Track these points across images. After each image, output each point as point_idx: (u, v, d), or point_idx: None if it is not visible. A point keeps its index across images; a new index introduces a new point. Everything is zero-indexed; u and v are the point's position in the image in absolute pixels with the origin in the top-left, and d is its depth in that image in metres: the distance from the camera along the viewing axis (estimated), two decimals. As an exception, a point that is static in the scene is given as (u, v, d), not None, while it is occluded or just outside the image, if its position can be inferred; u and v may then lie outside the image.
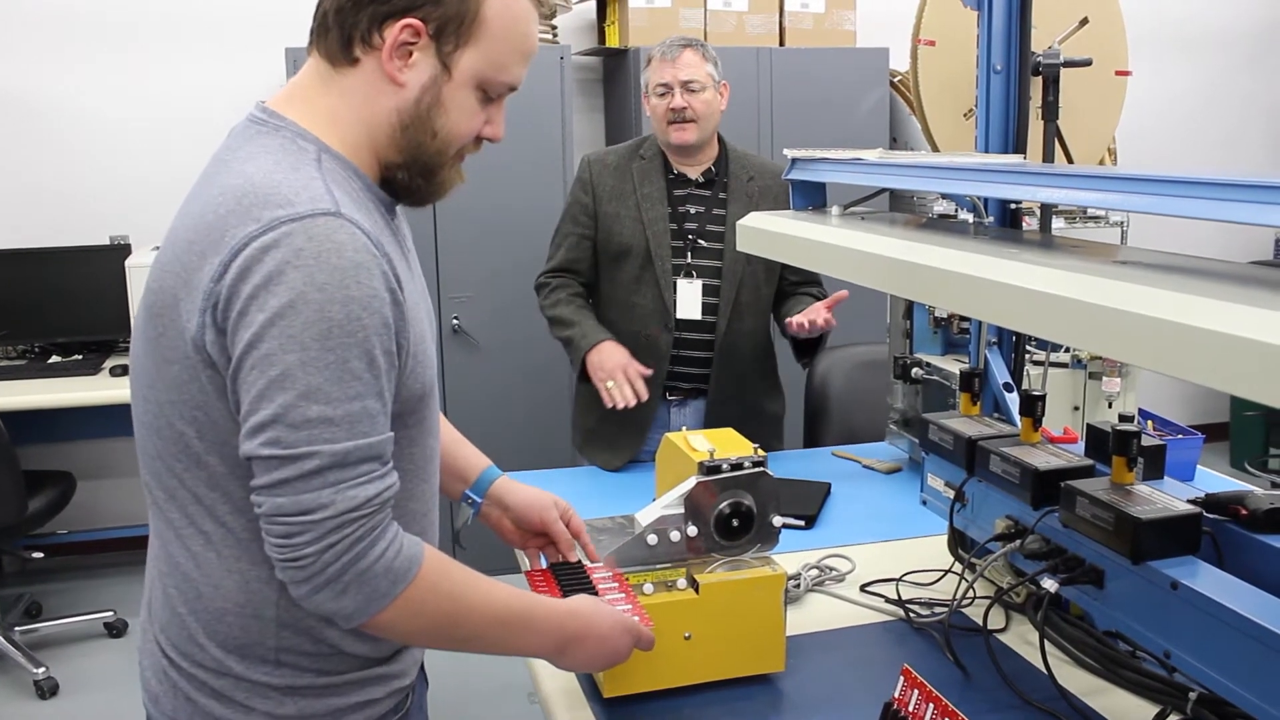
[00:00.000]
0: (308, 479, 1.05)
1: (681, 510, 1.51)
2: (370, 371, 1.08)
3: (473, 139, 1.23)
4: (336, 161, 1.16)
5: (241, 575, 1.15)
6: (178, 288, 1.09)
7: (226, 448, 1.11)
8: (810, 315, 2.41)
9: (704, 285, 2.58)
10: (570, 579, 1.47)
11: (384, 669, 1.25)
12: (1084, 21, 2.54)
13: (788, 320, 2.48)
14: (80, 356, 4.05)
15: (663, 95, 2.53)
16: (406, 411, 1.19)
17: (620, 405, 2.40)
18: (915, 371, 2.35)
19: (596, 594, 1.42)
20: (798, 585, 1.80)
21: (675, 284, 2.57)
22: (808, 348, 2.59)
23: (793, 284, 2.70)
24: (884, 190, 1.87)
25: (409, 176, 1.21)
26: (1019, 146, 1.92)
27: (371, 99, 1.16)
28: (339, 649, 1.20)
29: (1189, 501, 1.31)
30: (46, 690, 3.36)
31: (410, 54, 1.14)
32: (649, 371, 2.45)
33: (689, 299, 2.58)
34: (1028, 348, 2.09)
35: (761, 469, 1.54)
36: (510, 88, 1.22)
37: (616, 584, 1.46)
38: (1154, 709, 1.37)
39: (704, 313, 2.59)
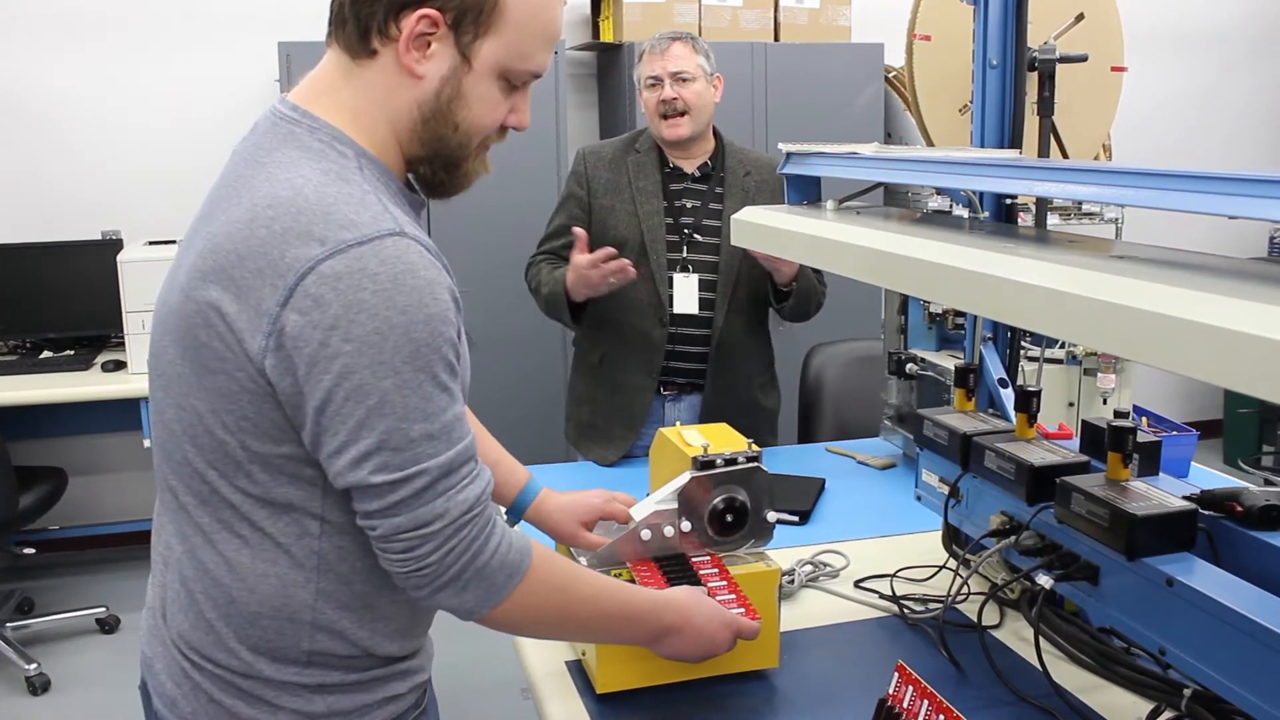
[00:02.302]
0: (420, 495, 1.08)
1: (675, 505, 1.51)
2: (453, 380, 1.11)
3: (497, 129, 1.20)
4: (374, 166, 1.14)
5: (279, 579, 1.14)
6: (225, 300, 1.06)
7: (271, 457, 1.10)
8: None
9: (700, 280, 2.58)
10: (674, 569, 1.49)
11: (407, 664, 1.25)
12: (1080, 17, 2.54)
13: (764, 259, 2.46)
14: (72, 352, 4.04)
15: (653, 87, 2.52)
16: None
17: (629, 277, 2.40)
18: (910, 367, 2.35)
19: (700, 583, 1.44)
20: (792, 581, 1.79)
21: (671, 278, 2.57)
22: (781, 293, 2.58)
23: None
24: (879, 185, 1.86)
25: (432, 170, 1.19)
26: (1014, 142, 1.91)
27: (391, 92, 1.14)
28: (369, 651, 1.19)
29: (1184, 498, 1.31)
30: (38, 686, 3.35)
31: (428, 45, 1.12)
32: (624, 262, 2.41)
33: (685, 294, 2.57)
34: (1023, 343, 2.09)
35: (756, 464, 1.54)
36: (534, 75, 1.19)
37: (717, 569, 1.48)
38: (1149, 706, 1.37)
39: (700, 307, 2.58)
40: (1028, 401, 1.57)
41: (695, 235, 2.59)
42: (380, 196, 1.10)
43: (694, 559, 1.52)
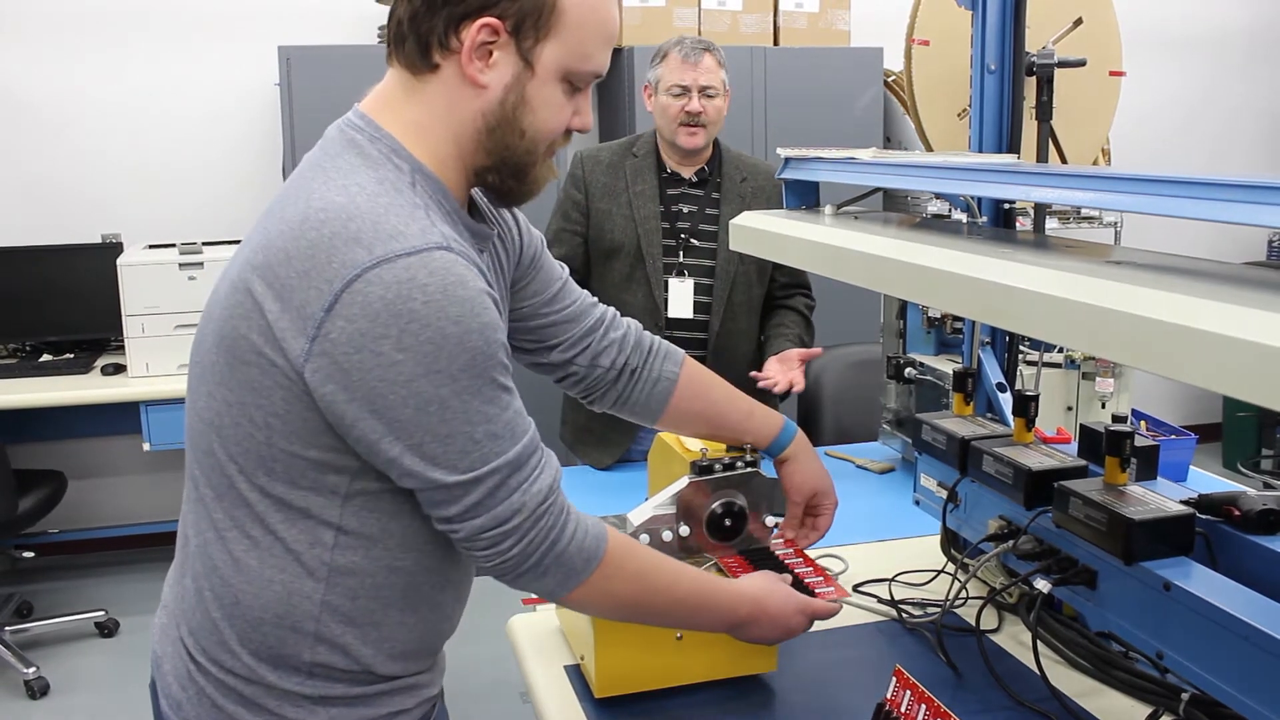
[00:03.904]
0: (495, 493, 1.11)
1: (673, 510, 1.51)
2: (509, 380, 1.13)
3: (562, 133, 1.20)
4: (429, 183, 1.14)
5: (284, 587, 1.14)
6: (267, 297, 1.07)
7: (297, 458, 1.10)
8: (779, 376, 2.42)
9: (696, 284, 2.58)
10: (759, 557, 1.54)
11: (415, 679, 1.24)
12: (1078, 22, 2.54)
13: (753, 374, 2.46)
14: (71, 355, 4.03)
15: (678, 96, 2.52)
16: None
17: None
18: (908, 371, 2.35)
19: (784, 568, 1.50)
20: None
21: (667, 282, 2.57)
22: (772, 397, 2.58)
23: (781, 285, 2.70)
24: (878, 190, 1.86)
25: (500, 179, 1.19)
26: (1013, 147, 1.91)
27: (455, 105, 1.14)
28: (370, 669, 1.18)
29: (1182, 502, 1.31)
30: (37, 690, 3.35)
31: (490, 54, 1.12)
32: None
33: (680, 298, 2.58)
34: (1021, 348, 2.09)
35: (754, 469, 1.54)
36: (595, 75, 1.18)
37: (798, 556, 1.54)
38: (1146, 710, 1.37)
39: (696, 311, 2.59)
40: (1026, 406, 1.58)
41: (691, 240, 2.60)
42: (430, 213, 1.10)
43: (776, 549, 1.57)
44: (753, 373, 2.47)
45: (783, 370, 2.46)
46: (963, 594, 1.61)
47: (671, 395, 1.54)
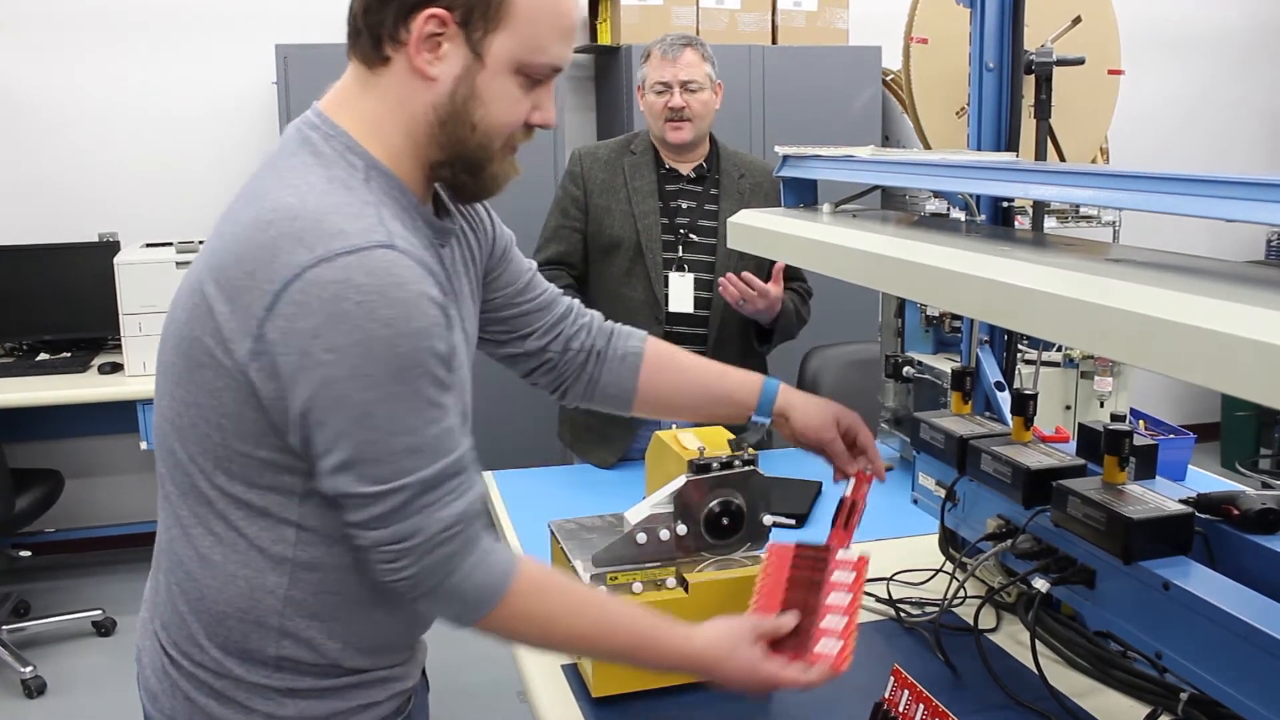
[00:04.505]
0: (403, 508, 1.08)
1: (671, 509, 1.50)
2: (442, 393, 1.09)
3: (521, 128, 1.18)
4: (384, 179, 1.13)
5: (247, 582, 1.14)
6: (218, 299, 1.07)
7: (250, 458, 1.10)
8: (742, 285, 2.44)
9: (696, 279, 2.59)
10: (804, 582, 1.38)
11: (386, 672, 1.24)
12: (1077, 20, 2.54)
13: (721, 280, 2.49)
14: (69, 354, 4.03)
15: (661, 93, 2.54)
16: None
17: None
18: (907, 370, 2.35)
19: (814, 609, 1.33)
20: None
21: (667, 277, 2.58)
22: (765, 333, 2.63)
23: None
24: (876, 188, 1.86)
25: (454, 173, 1.18)
26: (1011, 145, 1.91)
27: (407, 98, 1.13)
28: (337, 663, 1.19)
29: (1181, 501, 1.30)
30: (34, 689, 3.34)
31: (439, 45, 1.11)
32: None
33: (681, 292, 2.58)
34: (1019, 346, 2.09)
35: (752, 467, 1.54)
36: (554, 69, 1.16)
37: (849, 595, 1.35)
38: (1145, 709, 1.37)
39: (696, 307, 2.60)
40: (1024, 405, 1.57)
41: (691, 235, 2.60)
42: (381, 209, 1.09)
43: (836, 572, 1.40)
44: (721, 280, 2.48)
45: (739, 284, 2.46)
46: (961, 593, 1.61)
47: (640, 369, 1.53)
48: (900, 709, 1.27)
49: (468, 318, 1.31)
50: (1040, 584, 1.34)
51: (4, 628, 3.55)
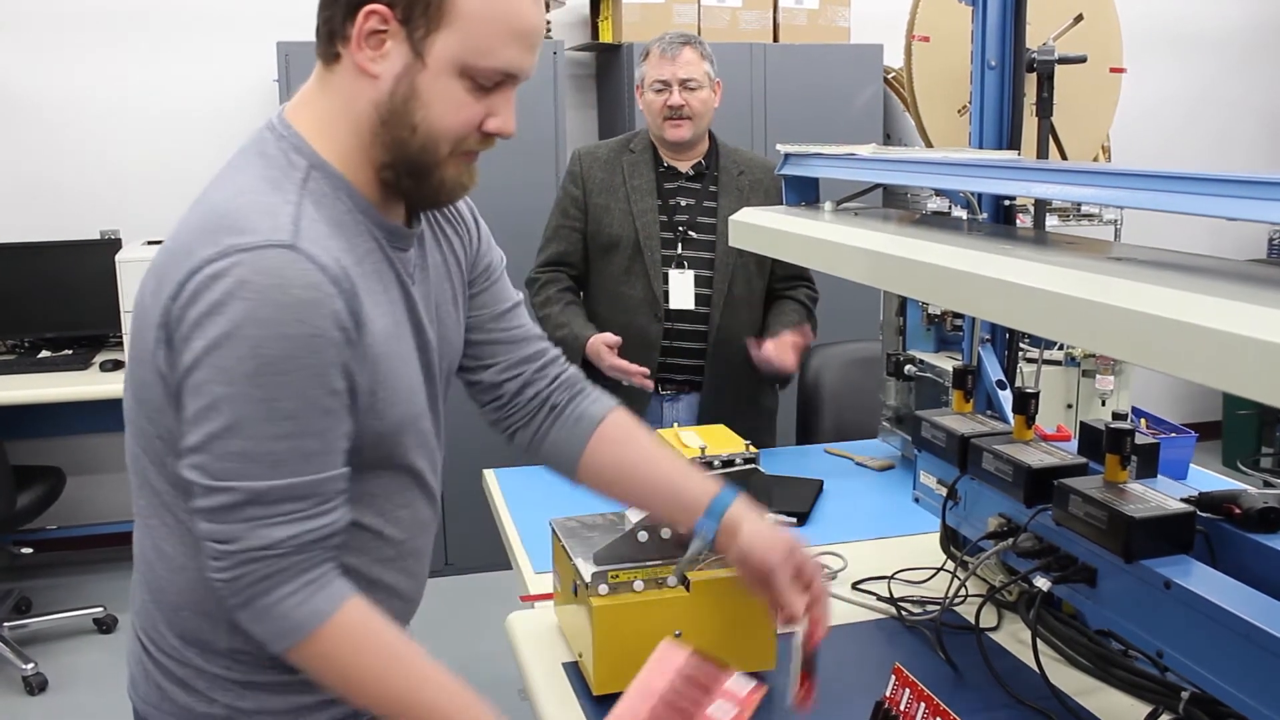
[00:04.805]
0: (228, 510, 1.06)
1: (672, 507, 1.50)
2: (307, 411, 1.05)
3: (475, 134, 1.13)
4: (328, 180, 1.12)
5: (196, 572, 1.15)
6: (150, 289, 1.11)
7: (178, 448, 1.11)
8: (774, 355, 2.47)
9: (696, 277, 2.60)
10: (672, 711, 1.19)
11: None
12: (1079, 18, 2.54)
13: (750, 341, 2.52)
14: (70, 351, 4.03)
15: (660, 91, 2.55)
16: (366, 446, 1.15)
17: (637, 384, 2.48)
18: (908, 368, 2.35)
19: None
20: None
21: (666, 274, 2.58)
22: (775, 377, 2.63)
23: (781, 279, 2.71)
24: (877, 186, 1.86)
25: (397, 177, 1.14)
26: (1013, 143, 1.91)
27: (353, 96, 1.12)
28: (284, 661, 1.15)
29: (1182, 500, 1.30)
30: (35, 686, 3.34)
31: (383, 43, 1.09)
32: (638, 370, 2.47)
33: (681, 289, 2.59)
34: (1021, 345, 2.09)
35: (753, 466, 1.54)
36: (504, 74, 1.11)
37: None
38: (1146, 708, 1.37)
39: (697, 304, 2.60)
40: (1026, 403, 1.57)
41: (690, 233, 2.61)
42: (304, 209, 1.08)
43: (717, 703, 1.21)
44: (750, 340, 2.51)
45: (778, 352, 2.48)
46: (962, 592, 1.61)
47: (590, 436, 1.39)
48: (901, 707, 1.27)
49: (447, 322, 1.29)
50: (1041, 583, 1.34)
51: (5, 624, 3.56)
